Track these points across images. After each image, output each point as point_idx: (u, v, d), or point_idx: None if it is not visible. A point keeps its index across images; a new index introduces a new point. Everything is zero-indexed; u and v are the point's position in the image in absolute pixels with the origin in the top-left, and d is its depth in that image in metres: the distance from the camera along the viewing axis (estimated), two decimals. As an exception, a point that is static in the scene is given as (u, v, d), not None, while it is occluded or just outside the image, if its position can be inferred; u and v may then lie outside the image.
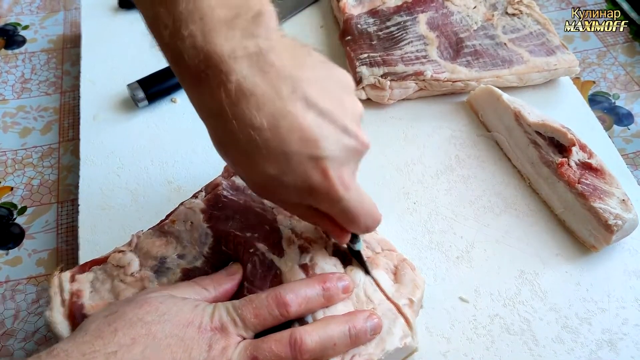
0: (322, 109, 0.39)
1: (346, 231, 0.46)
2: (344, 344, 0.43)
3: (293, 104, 0.38)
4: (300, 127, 0.38)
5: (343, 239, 0.46)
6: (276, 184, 0.40)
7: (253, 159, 0.39)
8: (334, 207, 0.42)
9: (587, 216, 0.55)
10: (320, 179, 0.40)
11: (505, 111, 0.63)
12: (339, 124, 0.40)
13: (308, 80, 0.39)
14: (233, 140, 0.39)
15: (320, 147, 0.39)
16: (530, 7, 0.75)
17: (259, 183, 0.42)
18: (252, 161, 0.39)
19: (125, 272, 0.49)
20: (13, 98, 0.78)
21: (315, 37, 0.78)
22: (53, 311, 0.46)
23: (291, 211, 0.47)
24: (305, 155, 0.39)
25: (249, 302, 0.43)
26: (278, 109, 0.38)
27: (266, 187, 0.42)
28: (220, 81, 0.37)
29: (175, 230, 0.51)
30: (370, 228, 0.46)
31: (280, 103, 0.38)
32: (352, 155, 0.42)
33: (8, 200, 0.68)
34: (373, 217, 0.45)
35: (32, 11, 0.90)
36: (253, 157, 0.39)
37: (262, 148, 0.38)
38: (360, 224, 0.44)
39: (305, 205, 0.43)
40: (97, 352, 0.38)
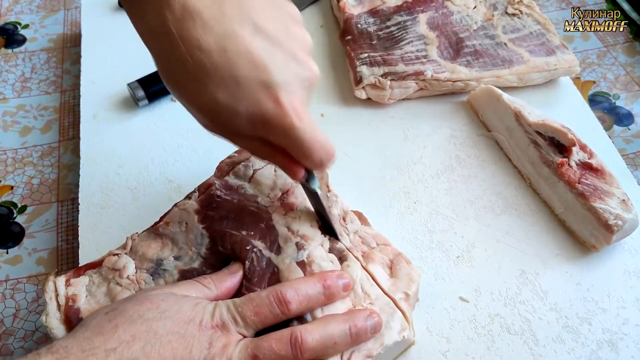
0: (270, 34, 0.39)
1: (300, 165, 0.44)
2: (344, 343, 0.43)
3: (240, 26, 0.37)
4: (248, 50, 0.37)
5: (298, 174, 0.45)
6: (228, 113, 0.39)
7: (202, 85, 0.38)
8: (287, 137, 0.41)
9: (588, 216, 0.55)
10: (273, 106, 0.39)
11: (505, 111, 0.63)
12: (288, 51, 0.40)
13: (255, 5, 0.39)
14: (181, 64, 0.37)
15: (270, 72, 0.38)
16: (530, 7, 0.75)
17: (209, 112, 0.40)
18: (202, 87, 0.38)
19: (121, 275, 0.49)
20: (13, 97, 0.78)
21: (315, 36, 0.78)
22: (49, 316, 0.46)
23: (244, 145, 0.45)
24: (256, 81, 0.38)
25: (249, 300, 0.43)
26: (225, 30, 0.37)
27: (217, 117, 0.40)
28: (165, 2, 0.36)
29: (170, 231, 0.51)
30: (324, 162, 0.44)
31: (228, 24, 0.37)
32: (303, 83, 0.41)
33: (8, 199, 0.68)
34: (327, 150, 0.43)
35: (32, 10, 0.90)
36: (202, 82, 0.38)
37: (211, 72, 0.37)
38: (314, 156, 0.43)
39: (258, 138, 0.42)
40: (97, 348, 0.38)
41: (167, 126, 0.67)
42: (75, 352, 0.38)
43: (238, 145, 0.46)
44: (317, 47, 0.77)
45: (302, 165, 0.45)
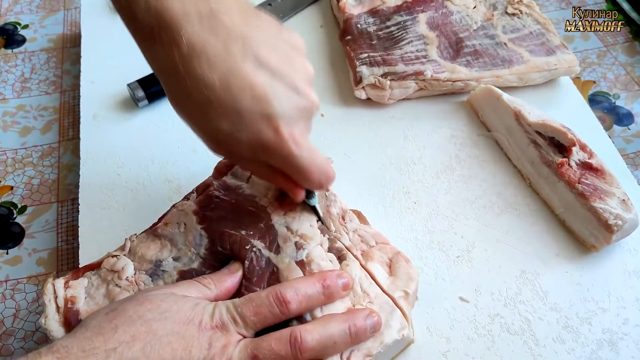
0: (272, 68, 0.41)
1: (300, 187, 0.48)
2: (344, 342, 0.43)
3: (244, 63, 0.40)
4: (252, 85, 0.40)
5: (298, 195, 0.48)
6: (230, 140, 0.42)
7: (207, 116, 0.41)
8: (286, 163, 0.44)
9: (588, 216, 0.55)
10: (272, 135, 0.42)
11: (505, 111, 0.63)
12: (290, 83, 0.42)
13: (259, 40, 0.41)
14: (187, 97, 0.41)
15: (272, 105, 0.41)
16: (530, 7, 0.75)
17: (213, 139, 0.43)
18: (206, 118, 0.41)
19: (120, 277, 0.49)
20: (13, 97, 0.78)
21: (315, 37, 0.78)
22: (48, 319, 0.46)
23: (246, 168, 0.48)
24: (257, 113, 0.41)
25: (249, 300, 0.43)
26: (229, 68, 0.39)
27: (220, 143, 0.43)
28: (173, 40, 0.38)
29: (168, 232, 0.51)
30: (323, 184, 0.47)
31: (232, 62, 0.39)
32: (303, 113, 0.44)
33: (8, 200, 0.68)
34: (325, 173, 0.46)
35: (32, 10, 0.90)
36: (207, 113, 0.41)
37: (215, 105, 0.40)
38: (313, 180, 0.45)
39: (259, 162, 0.45)
40: (97, 348, 0.38)
41: (167, 126, 0.67)
42: (76, 351, 0.38)
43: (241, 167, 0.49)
44: (317, 47, 0.77)
45: (301, 187, 0.48)
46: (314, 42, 0.77)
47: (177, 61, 0.39)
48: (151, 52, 0.41)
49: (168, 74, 0.41)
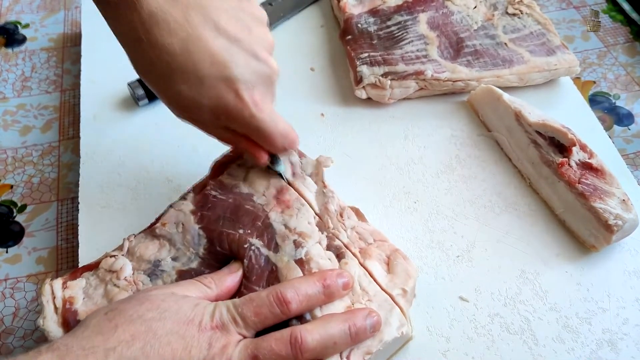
0: (231, 35, 0.43)
1: (263, 151, 0.49)
2: (344, 342, 0.43)
3: (203, 30, 0.42)
4: (211, 51, 0.42)
5: (261, 158, 0.50)
6: (193, 105, 0.44)
7: (170, 81, 0.43)
8: (247, 126, 0.46)
9: (588, 216, 0.55)
10: (233, 98, 0.44)
11: (505, 111, 0.63)
12: (249, 50, 0.44)
13: (218, 9, 0.43)
14: (150, 64, 0.43)
15: (230, 69, 0.43)
16: (531, 7, 0.75)
17: (177, 104, 0.46)
18: (169, 83, 0.43)
19: (118, 277, 0.49)
20: (13, 96, 0.78)
21: (316, 36, 0.78)
22: (46, 319, 0.46)
23: (211, 133, 0.49)
24: (217, 77, 0.43)
25: (249, 300, 0.43)
26: (189, 35, 0.41)
27: (184, 108, 0.46)
28: (134, 8, 0.40)
29: (166, 232, 0.51)
30: (286, 148, 0.50)
31: (191, 29, 0.42)
32: (262, 79, 0.46)
33: (8, 198, 0.68)
34: (288, 136, 0.48)
35: (33, 10, 0.90)
36: (169, 79, 0.43)
37: (177, 71, 0.42)
38: (275, 142, 0.48)
39: (223, 127, 0.47)
40: (96, 347, 0.38)
41: (167, 126, 0.67)
42: (76, 350, 0.38)
43: (206, 132, 0.50)
44: (317, 47, 0.77)
45: (265, 150, 0.50)
46: (315, 42, 0.77)
47: (139, 30, 0.41)
48: (114, 23, 0.43)
49: (131, 42, 0.43)
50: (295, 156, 0.55)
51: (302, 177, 0.54)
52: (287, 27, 0.79)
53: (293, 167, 0.54)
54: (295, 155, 0.56)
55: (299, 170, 0.55)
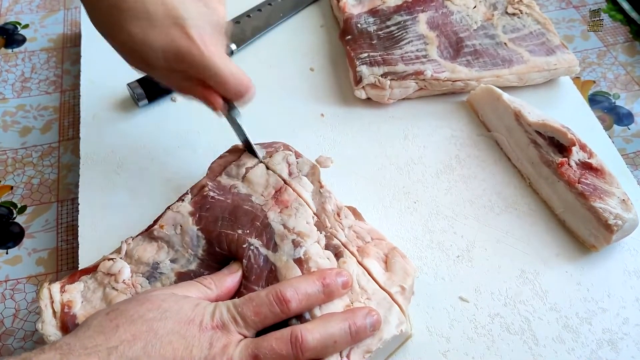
0: None
1: (218, 96, 0.51)
2: (344, 341, 0.43)
3: None
4: None
5: (216, 103, 0.51)
6: (144, 48, 0.46)
7: (120, 23, 0.45)
8: (199, 67, 0.47)
9: (587, 216, 0.55)
10: (182, 37, 0.46)
11: (505, 111, 0.63)
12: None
13: None
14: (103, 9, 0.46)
15: (179, 10, 0.45)
16: (530, 6, 0.75)
17: (128, 47, 0.47)
18: (120, 25, 0.45)
19: (117, 280, 0.49)
20: (13, 97, 0.78)
21: (316, 36, 0.78)
22: (45, 323, 0.46)
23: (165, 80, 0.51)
24: (166, 17, 0.45)
25: (249, 300, 0.43)
26: None
27: (136, 52, 0.47)
28: None
29: (164, 234, 0.51)
30: (240, 92, 0.50)
31: None
32: (212, 23, 0.48)
33: (8, 199, 0.68)
34: (241, 81, 0.50)
35: (32, 10, 0.90)
36: (120, 20, 0.45)
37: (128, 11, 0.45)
38: (227, 83, 0.49)
39: (176, 72, 0.49)
40: (99, 346, 0.38)
41: (167, 126, 0.67)
42: (78, 349, 0.38)
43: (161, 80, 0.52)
44: (317, 47, 0.77)
45: (220, 96, 0.51)
46: (314, 42, 0.77)
47: None
48: None
49: None
50: (292, 156, 0.55)
51: (299, 177, 0.54)
52: (287, 27, 0.79)
53: (290, 167, 0.54)
54: (292, 155, 0.56)
55: (296, 170, 0.55)
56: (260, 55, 0.76)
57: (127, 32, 0.45)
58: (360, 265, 0.49)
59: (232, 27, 0.76)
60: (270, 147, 0.57)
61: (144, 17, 0.45)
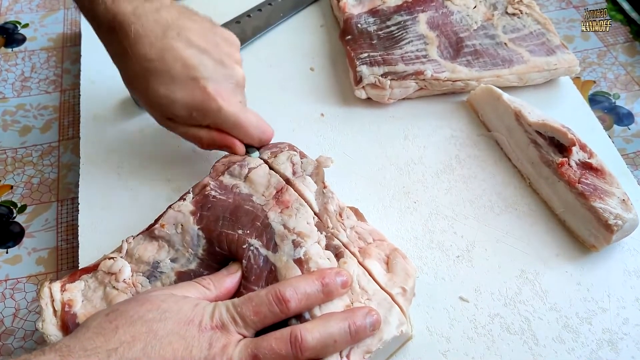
0: (200, 47, 0.53)
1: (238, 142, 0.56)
2: (344, 341, 0.43)
3: (177, 42, 0.52)
4: (182, 57, 0.52)
5: (236, 147, 0.56)
6: (167, 102, 0.52)
7: (149, 84, 0.52)
8: (217, 117, 0.54)
9: (588, 216, 0.55)
10: (201, 94, 0.52)
11: (505, 111, 0.63)
12: (216, 59, 0.54)
13: (191, 29, 0.53)
14: (134, 72, 0.52)
15: (199, 70, 0.52)
16: (531, 6, 0.75)
17: (155, 104, 0.53)
18: (148, 86, 0.52)
19: (117, 279, 0.49)
20: (13, 96, 0.78)
21: (316, 36, 0.78)
22: (45, 322, 0.46)
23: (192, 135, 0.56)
24: (187, 77, 0.52)
25: (248, 300, 0.43)
26: (165, 45, 0.51)
27: (161, 107, 0.53)
28: (125, 31, 0.51)
29: (165, 234, 0.51)
30: (262, 139, 0.57)
31: (167, 42, 0.51)
32: (229, 80, 0.54)
33: (8, 199, 0.68)
34: (261, 128, 0.56)
35: (32, 9, 0.90)
36: (148, 82, 0.52)
37: (154, 73, 0.51)
38: (248, 131, 0.55)
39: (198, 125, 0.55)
40: (98, 348, 0.38)
41: (167, 126, 0.67)
42: (78, 351, 0.38)
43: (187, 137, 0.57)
44: (317, 47, 0.77)
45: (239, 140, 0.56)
46: (314, 42, 0.77)
47: (126, 46, 0.51)
48: (109, 42, 0.53)
49: (120, 56, 0.53)
50: (297, 156, 0.55)
51: (302, 177, 0.54)
52: (287, 27, 0.79)
53: (294, 167, 0.55)
54: (296, 155, 0.56)
55: (300, 170, 0.55)
56: (260, 55, 0.76)
57: (154, 91, 0.52)
58: (361, 265, 0.49)
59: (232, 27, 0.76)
60: (275, 148, 0.57)
61: (168, 78, 0.52)
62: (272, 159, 0.55)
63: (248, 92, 0.58)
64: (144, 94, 0.53)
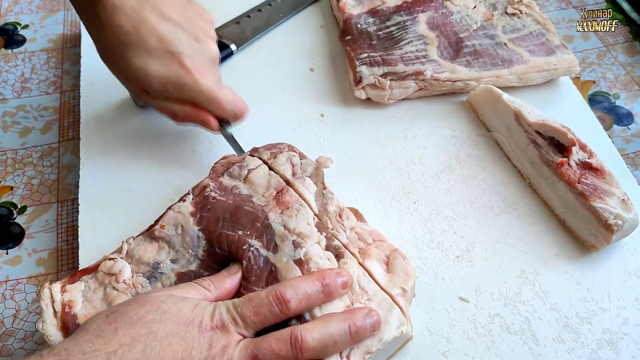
0: (175, 21, 0.54)
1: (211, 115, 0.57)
2: (344, 341, 0.43)
3: (151, 16, 0.53)
4: (157, 30, 0.53)
5: (210, 122, 0.57)
6: (143, 75, 0.53)
7: (124, 56, 0.53)
8: (193, 90, 0.54)
9: (587, 216, 0.55)
10: (176, 66, 0.53)
11: (505, 111, 0.63)
12: (190, 33, 0.55)
13: (165, 3, 0.54)
14: (110, 45, 0.53)
15: (173, 44, 0.53)
16: (530, 6, 0.75)
17: (130, 76, 0.54)
18: (123, 58, 0.53)
19: (117, 280, 0.49)
20: (13, 97, 0.78)
21: (315, 36, 0.78)
22: (45, 323, 0.46)
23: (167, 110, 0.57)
24: (163, 50, 0.53)
25: (248, 300, 0.43)
26: (140, 18, 0.52)
27: (137, 80, 0.54)
28: (102, 4, 0.51)
29: (165, 235, 0.51)
30: (237, 113, 0.58)
31: (142, 14, 0.52)
32: (204, 55, 0.55)
33: (8, 200, 0.68)
34: (235, 103, 0.57)
35: (32, 10, 0.90)
36: (123, 54, 0.53)
37: (129, 46, 0.52)
38: (222, 105, 0.56)
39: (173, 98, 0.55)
40: (97, 350, 0.38)
41: (167, 127, 0.67)
42: (77, 354, 0.38)
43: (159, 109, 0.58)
44: (317, 47, 0.77)
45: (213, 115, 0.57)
46: (314, 42, 0.77)
47: (102, 18, 0.52)
48: (85, 13, 0.54)
49: (96, 28, 0.53)
50: (296, 157, 0.56)
51: (302, 178, 0.54)
52: (287, 27, 0.79)
53: (293, 168, 0.55)
54: (296, 156, 0.56)
55: (299, 171, 0.55)
56: (260, 55, 0.76)
57: (130, 63, 0.53)
58: (361, 266, 0.49)
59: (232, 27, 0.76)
60: (274, 148, 0.57)
61: (144, 51, 0.52)
62: (271, 159, 0.55)
63: (248, 92, 0.58)
64: (120, 66, 0.54)
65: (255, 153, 0.57)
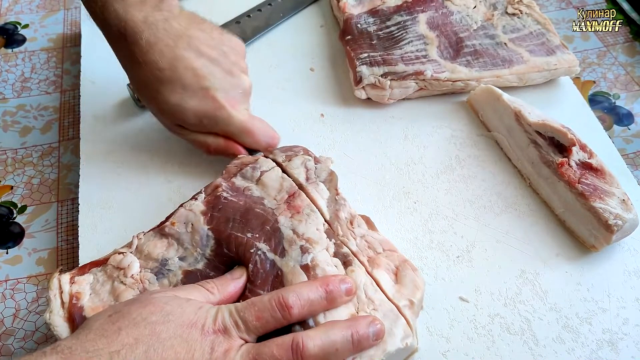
0: (210, 57, 0.55)
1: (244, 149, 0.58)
2: (346, 350, 0.42)
3: (187, 52, 0.54)
4: (193, 67, 0.54)
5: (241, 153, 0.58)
6: (179, 110, 0.55)
7: (160, 93, 0.54)
8: (227, 124, 0.56)
9: (588, 216, 0.55)
10: (211, 103, 0.55)
11: (505, 111, 0.63)
12: (225, 69, 0.56)
13: (200, 38, 0.55)
14: (145, 80, 0.54)
15: (208, 80, 0.55)
16: (530, 6, 0.75)
17: (166, 111, 0.56)
18: (160, 94, 0.54)
19: (125, 274, 0.49)
20: (13, 97, 0.78)
21: (315, 36, 0.78)
22: (52, 314, 0.46)
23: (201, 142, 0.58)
24: (198, 86, 0.54)
25: (251, 305, 0.43)
26: (176, 55, 0.53)
27: (173, 114, 0.56)
28: (135, 39, 0.52)
29: (175, 232, 0.51)
30: (270, 144, 0.59)
31: (178, 51, 0.53)
32: (237, 90, 0.57)
33: (8, 199, 0.68)
34: (268, 134, 0.59)
35: (32, 10, 0.90)
36: (160, 91, 0.54)
37: (165, 82, 0.53)
38: (258, 140, 0.58)
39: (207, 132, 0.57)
40: (100, 350, 0.38)
41: (167, 126, 0.67)
42: (80, 352, 0.38)
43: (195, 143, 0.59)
44: (317, 47, 0.77)
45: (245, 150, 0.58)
46: (314, 42, 0.77)
47: (137, 55, 0.53)
48: (119, 49, 0.55)
49: (130, 63, 0.54)
50: (311, 161, 0.55)
51: (316, 184, 0.54)
52: (287, 27, 0.79)
53: (307, 172, 0.54)
54: (311, 160, 0.55)
55: (313, 176, 0.54)
56: (260, 55, 0.76)
57: (166, 99, 0.54)
58: (369, 275, 0.49)
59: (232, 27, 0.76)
60: (289, 151, 0.57)
61: (179, 87, 0.54)
62: (286, 162, 0.55)
63: (248, 92, 0.58)
64: (155, 101, 0.55)
65: (269, 154, 0.57)
